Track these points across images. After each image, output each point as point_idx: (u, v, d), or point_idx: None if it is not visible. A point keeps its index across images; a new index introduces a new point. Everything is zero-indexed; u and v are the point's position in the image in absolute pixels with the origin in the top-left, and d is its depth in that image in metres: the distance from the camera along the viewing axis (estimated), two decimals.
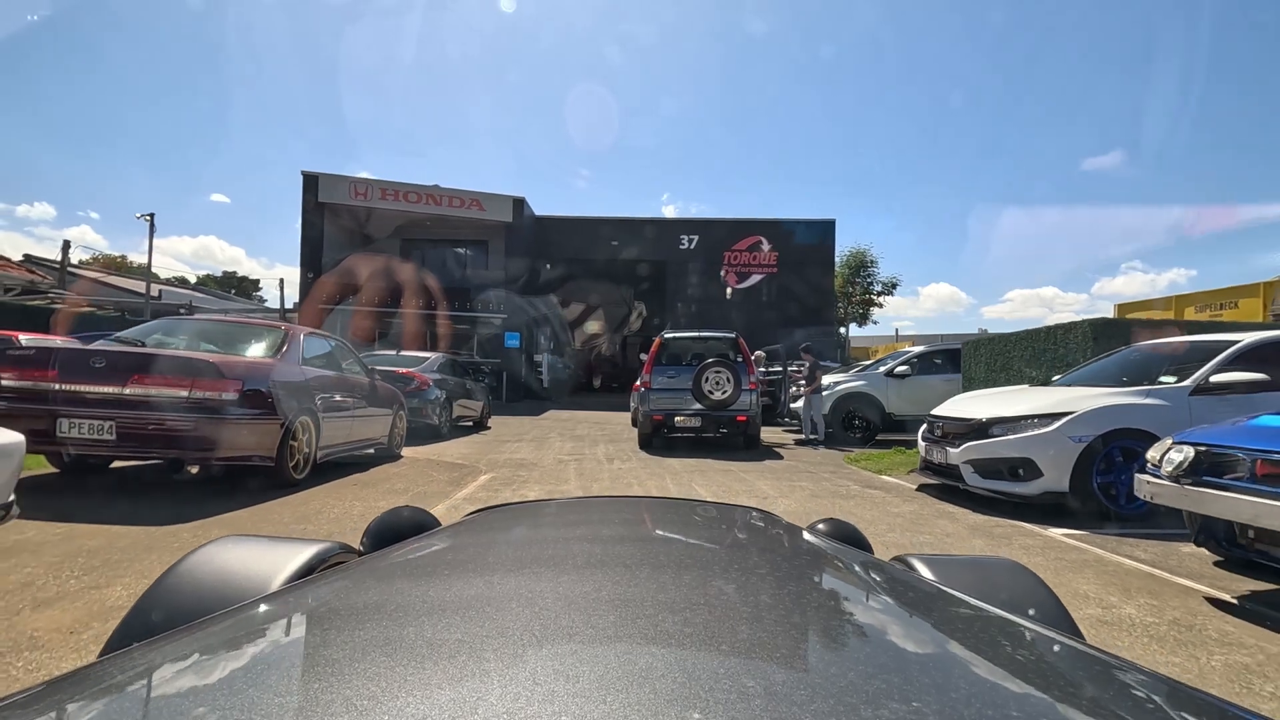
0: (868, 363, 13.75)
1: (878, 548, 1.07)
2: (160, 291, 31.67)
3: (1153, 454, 3.48)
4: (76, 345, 5.13)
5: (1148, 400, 4.90)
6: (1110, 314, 18.57)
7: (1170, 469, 3.23)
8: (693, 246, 23.81)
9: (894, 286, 31.40)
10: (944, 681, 0.47)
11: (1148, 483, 3.36)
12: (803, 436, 10.92)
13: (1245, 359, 4.89)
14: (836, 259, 26.25)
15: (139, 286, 27.84)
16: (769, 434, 11.40)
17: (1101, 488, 4.84)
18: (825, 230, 24.22)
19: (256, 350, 5.60)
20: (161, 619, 0.76)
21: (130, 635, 0.74)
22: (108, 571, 3.08)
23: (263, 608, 0.63)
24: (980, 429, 5.38)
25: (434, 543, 0.91)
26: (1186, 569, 3.67)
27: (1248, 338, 5.03)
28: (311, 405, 5.71)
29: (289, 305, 27.92)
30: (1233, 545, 3.20)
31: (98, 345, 5.18)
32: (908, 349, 12.60)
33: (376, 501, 5.05)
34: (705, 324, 18.97)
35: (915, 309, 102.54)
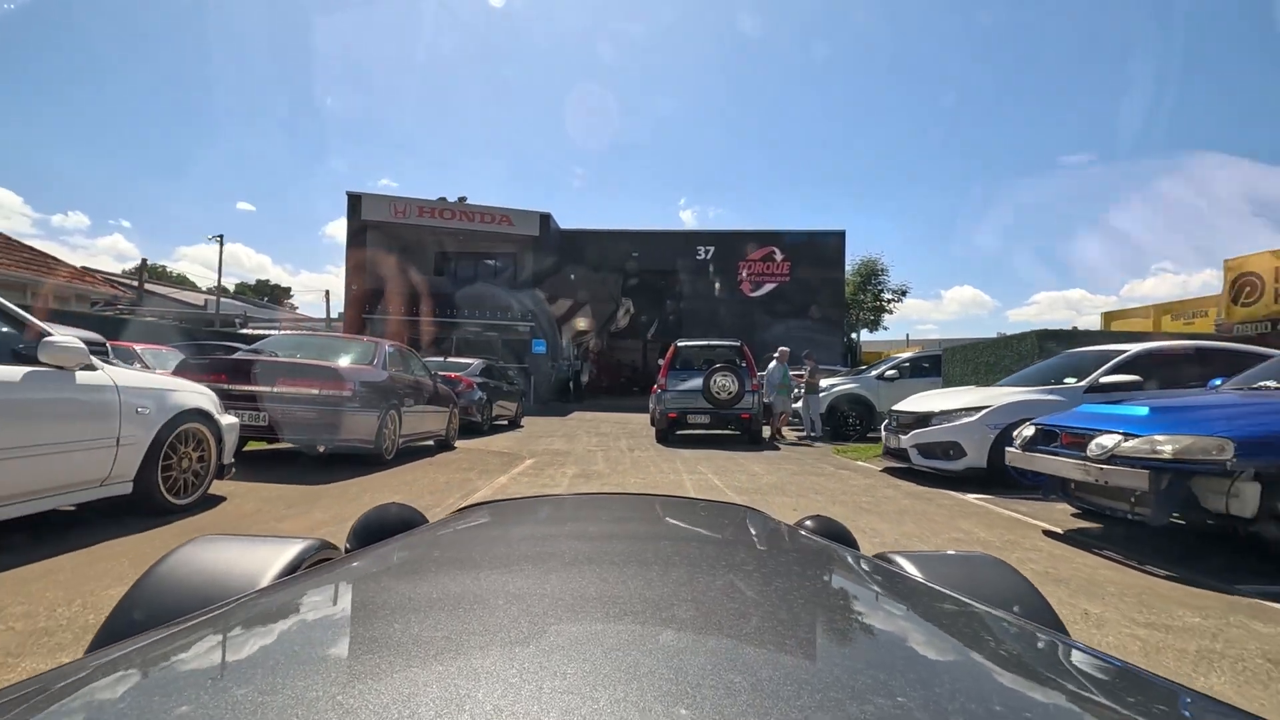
0: (863, 367, 15.14)
1: (830, 507, 1.47)
2: (205, 302, 34.06)
3: (1016, 432, 4.88)
4: (238, 357, 6.72)
5: (1050, 397, 6.26)
6: (1114, 319, 19.69)
7: (1020, 441, 4.64)
8: (709, 256, 25.34)
9: (904, 293, 32.66)
10: (929, 676, 0.47)
11: (1008, 451, 4.76)
12: (804, 433, 12.35)
13: (1130, 365, 6.24)
14: (847, 267, 27.60)
15: (175, 293, 30.12)
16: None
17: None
18: (836, 240, 25.63)
19: (357, 358, 7.19)
20: (144, 618, 0.76)
21: (114, 634, 0.74)
22: (295, 509, 4.64)
23: (246, 606, 0.64)
24: (924, 420, 6.78)
25: (420, 540, 0.92)
26: (1048, 517, 5.05)
27: (1133, 348, 6.38)
28: (396, 402, 7.29)
29: (334, 315, 29.90)
30: (1065, 494, 4.58)
31: (241, 356, 6.80)
32: (897, 355, 14.01)
33: (454, 474, 6.60)
34: (722, 330, 20.47)
35: (939, 312, 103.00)
